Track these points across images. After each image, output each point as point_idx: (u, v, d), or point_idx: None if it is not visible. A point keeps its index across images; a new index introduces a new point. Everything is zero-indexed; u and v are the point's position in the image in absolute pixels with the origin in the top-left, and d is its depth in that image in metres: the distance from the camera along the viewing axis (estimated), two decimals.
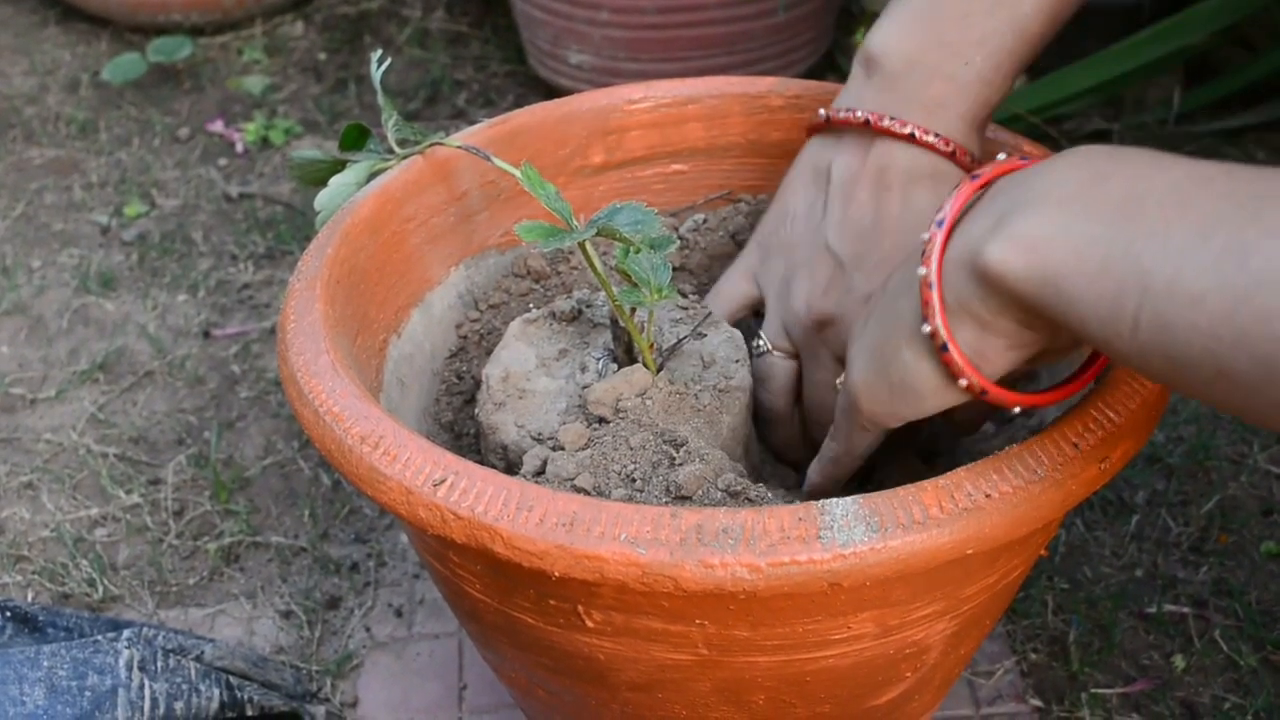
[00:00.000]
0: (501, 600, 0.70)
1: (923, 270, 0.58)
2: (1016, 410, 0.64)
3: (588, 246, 0.73)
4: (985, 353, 0.60)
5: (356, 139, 0.86)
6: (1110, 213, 0.53)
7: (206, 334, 1.45)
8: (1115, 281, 0.52)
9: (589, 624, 0.67)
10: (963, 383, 0.61)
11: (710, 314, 0.82)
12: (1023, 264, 0.54)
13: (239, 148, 1.78)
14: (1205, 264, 0.49)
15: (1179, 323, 0.51)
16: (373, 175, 0.85)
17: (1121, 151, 0.56)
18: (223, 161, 1.76)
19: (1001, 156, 0.62)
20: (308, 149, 0.86)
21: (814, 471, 0.77)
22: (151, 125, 1.85)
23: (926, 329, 0.59)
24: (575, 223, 0.74)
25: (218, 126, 1.83)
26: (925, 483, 0.62)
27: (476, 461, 0.65)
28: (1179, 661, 1.05)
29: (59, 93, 1.94)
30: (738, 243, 0.93)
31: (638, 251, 0.73)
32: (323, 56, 2.01)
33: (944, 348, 0.59)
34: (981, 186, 0.60)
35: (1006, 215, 0.56)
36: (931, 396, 0.63)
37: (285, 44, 2.04)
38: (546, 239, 0.70)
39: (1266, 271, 0.48)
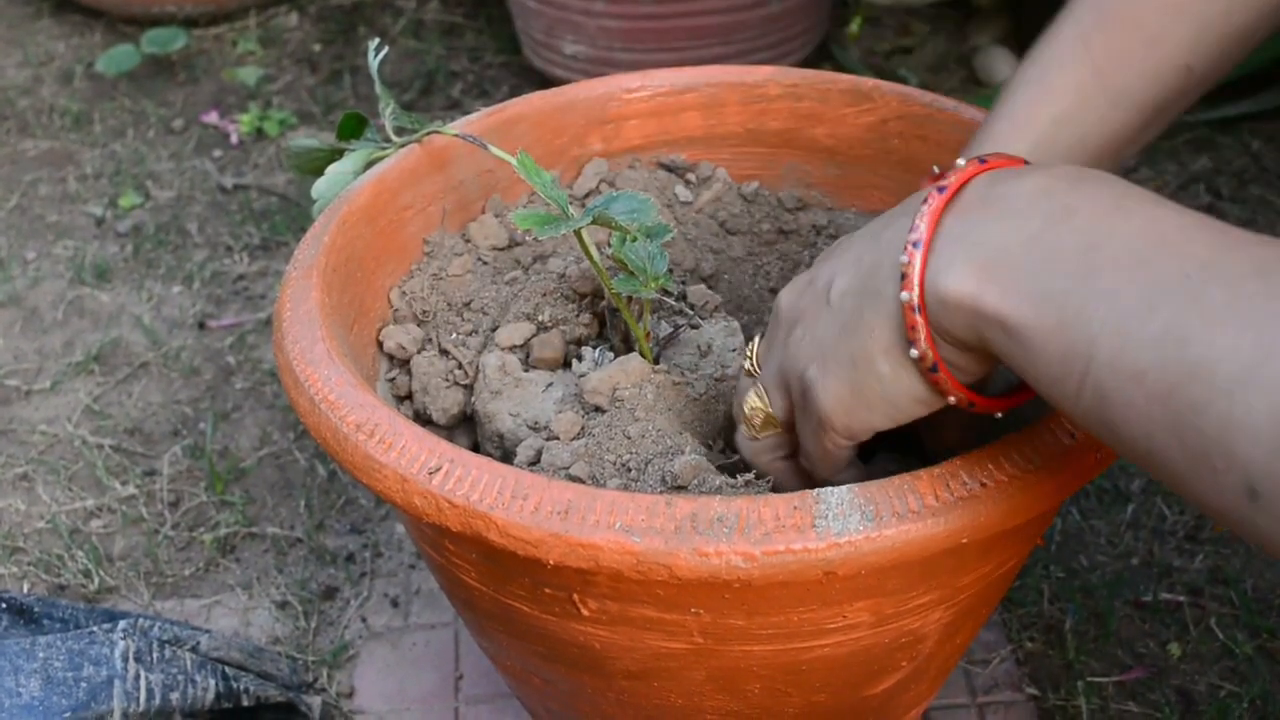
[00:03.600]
0: (497, 589, 0.70)
1: (905, 295, 0.58)
2: (999, 416, 0.64)
3: (584, 234, 0.73)
4: (967, 367, 0.60)
5: (354, 128, 0.86)
6: (1070, 263, 0.53)
7: (201, 325, 1.44)
8: (1067, 344, 0.52)
9: (584, 612, 0.67)
10: (951, 399, 0.61)
11: (707, 302, 0.82)
12: (992, 306, 0.55)
13: (233, 139, 1.78)
14: (1147, 340, 0.50)
15: (1118, 397, 0.51)
16: (370, 164, 0.85)
17: (1087, 179, 0.56)
18: (217, 153, 1.76)
19: (960, 162, 0.61)
20: (304, 139, 0.86)
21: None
22: (146, 117, 1.84)
23: (915, 353, 0.59)
24: (571, 210, 0.74)
25: (212, 118, 1.83)
26: (920, 471, 0.62)
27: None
28: (1175, 649, 1.05)
29: (53, 84, 1.93)
30: (729, 231, 0.93)
31: (634, 240, 0.73)
32: (317, 48, 2.00)
33: (934, 369, 0.59)
34: (951, 198, 0.59)
35: (975, 250, 0.56)
36: (913, 407, 0.62)
37: (279, 35, 2.04)
38: (543, 227, 0.70)
39: (1202, 364, 0.48)
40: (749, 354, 0.71)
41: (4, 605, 0.99)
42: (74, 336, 1.44)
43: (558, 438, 0.72)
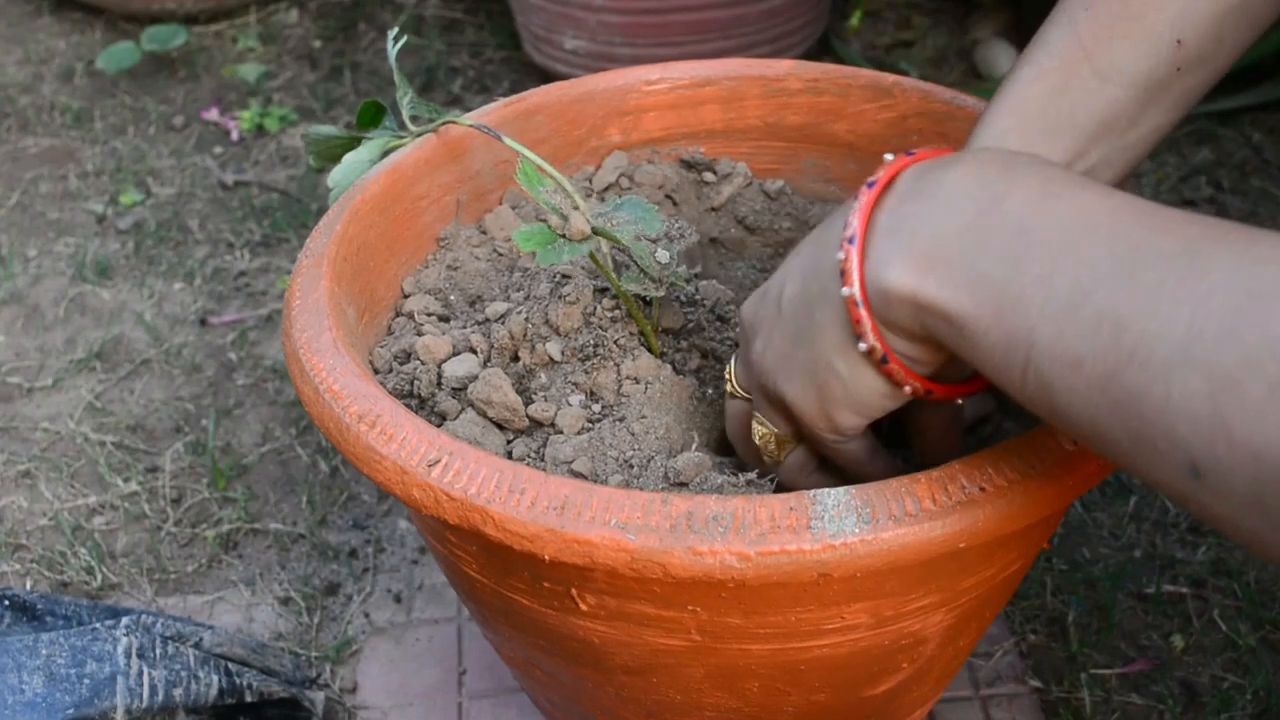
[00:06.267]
0: (498, 581, 0.70)
1: (846, 290, 0.58)
2: (960, 403, 0.64)
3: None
4: (920, 357, 0.60)
5: (373, 117, 0.86)
6: (1003, 249, 0.53)
7: (203, 322, 1.44)
8: (1007, 333, 0.53)
9: (583, 607, 0.67)
10: (907, 389, 0.61)
11: (719, 298, 0.82)
12: (932, 297, 0.55)
13: (234, 135, 1.78)
14: (1083, 326, 0.50)
15: (1060, 384, 0.52)
16: (386, 153, 0.85)
17: (1015, 164, 0.56)
18: (218, 149, 1.76)
19: (889, 157, 0.61)
20: (322, 127, 0.86)
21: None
22: (146, 114, 1.84)
23: (864, 346, 0.59)
24: (581, 205, 0.73)
25: (213, 114, 1.82)
26: (919, 475, 0.62)
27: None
28: (1178, 641, 1.05)
29: (53, 82, 1.93)
30: (747, 227, 0.93)
31: (640, 250, 0.73)
32: (317, 44, 2.00)
33: (884, 360, 0.59)
34: (882, 191, 0.59)
35: (910, 241, 0.56)
36: (878, 400, 0.62)
37: (280, 32, 2.04)
38: (544, 250, 0.69)
39: (1137, 349, 0.49)
40: (728, 376, 0.71)
41: (7, 602, 0.99)
42: (75, 333, 1.44)
43: (561, 432, 0.72)
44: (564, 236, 0.70)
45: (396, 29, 0.85)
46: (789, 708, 0.74)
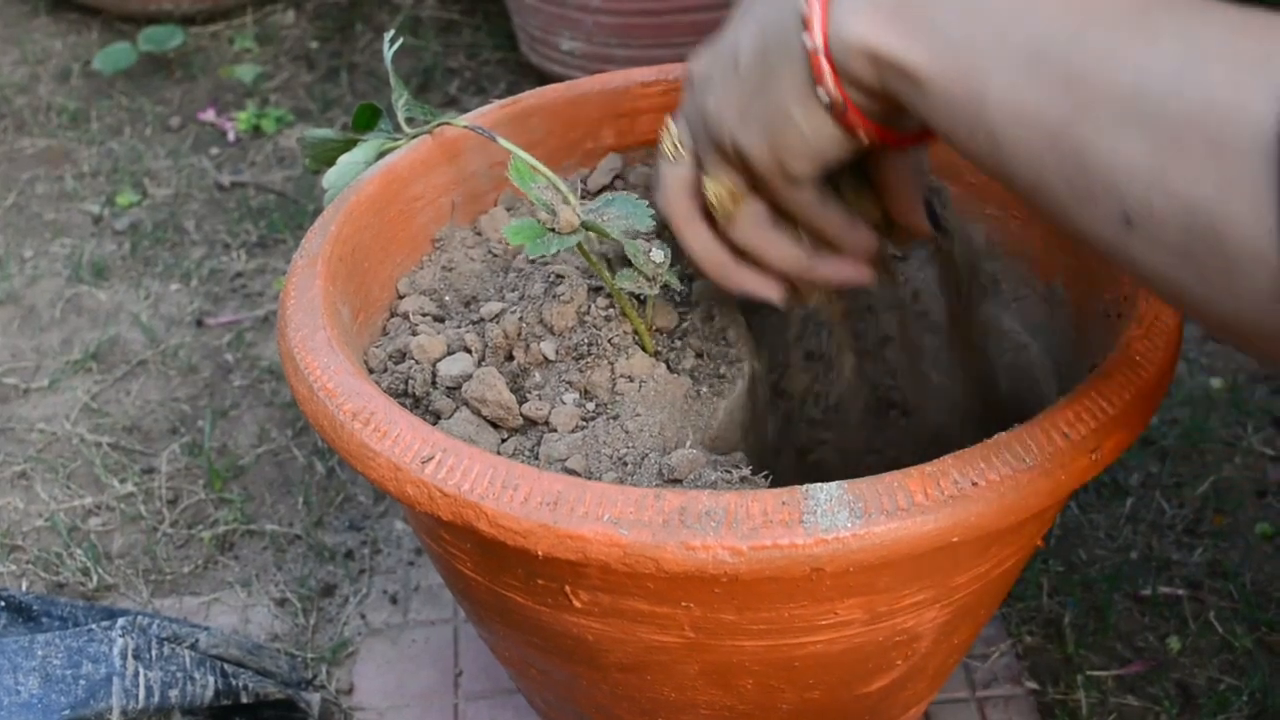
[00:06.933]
0: (492, 579, 0.70)
1: (809, 42, 0.60)
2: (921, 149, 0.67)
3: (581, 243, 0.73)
4: (875, 109, 0.61)
5: (369, 119, 0.86)
6: (963, 3, 0.55)
7: (199, 323, 1.44)
8: (962, 89, 0.55)
9: (576, 604, 0.67)
10: (863, 138, 0.62)
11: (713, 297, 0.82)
12: (891, 52, 0.57)
13: (231, 136, 1.78)
14: (1036, 83, 0.53)
15: (1007, 137, 0.54)
16: (382, 154, 0.85)
17: None
18: (214, 150, 1.76)
19: None
20: (318, 130, 0.86)
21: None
22: (143, 114, 1.84)
23: (824, 96, 0.60)
24: (574, 202, 0.73)
25: (209, 115, 1.82)
26: (911, 469, 0.62)
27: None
28: (1174, 643, 1.05)
29: (50, 82, 1.93)
30: None
31: (632, 245, 0.73)
32: (314, 45, 2.00)
33: (843, 110, 0.61)
34: None
35: None
36: (834, 149, 0.64)
37: (276, 32, 2.04)
38: (534, 242, 0.69)
39: (1088, 106, 0.51)
40: (666, 139, 0.71)
41: (3, 603, 0.99)
42: (72, 334, 1.44)
43: (556, 430, 0.72)
44: (553, 230, 0.70)
45: (393, 30, 0.86)
46: (783, 705, 0.74)
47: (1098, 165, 0.52)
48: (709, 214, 0.71)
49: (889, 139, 0.63)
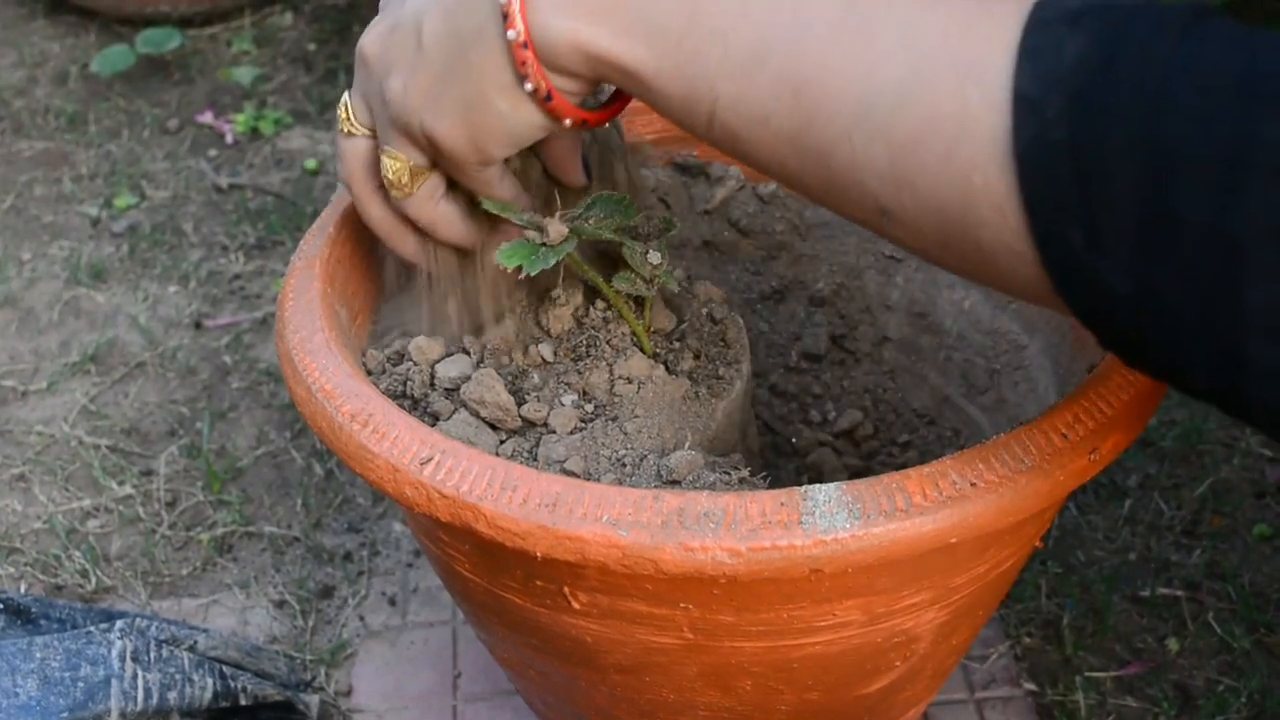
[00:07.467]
0: (490, 580, 0.70)
1: (511, 34, 0.58)
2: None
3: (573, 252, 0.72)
4: (579, 90, 0.61)
5: None
6: (677, 6, 0.54)
7: (198, 325, 1.44)
8: (688, 87, 0.54)
9: (575, 605, 0.67)
10: (568, 123, 0.62)
11: (711, 297, 0.82)
12: (605, 50, 0.56)
13: (229, 139, 1.78)
14: (764, 87, 0.52)
15: (745, 136, 0.53)
16: None
17: None
18: (212, 152, 1.76)
19: None
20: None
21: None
22: (141, 117, 1.84)
23: (529, 86, 0.59)
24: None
25: (207, 118, 1.82)
26: (910, 470, 0.62)
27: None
28: (1172, 644, 1.05)
29: (47, 85, 1.93)
30: (740, 230, 0.93)
31: (629, 245, 0.73)
32: (312, 47, 2.00)
33: (548, 98, 0.60)
34: None
35: None
36: (534, 133, 0.63)
37: (274, 35, 2.04)
38: (530, 261, 0.69)
39: (819, 110, 0.50)
40: (343, 114, 0.70)
41: (1, 606, 0.99)
42: (70, 337, 1.44)
43: (554, 431, 0.72)
44: (545, 245, 0.70)
45: None
46: (782, 706, 0.74)
47: (841, 168, 0.51)
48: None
49: (590, 118, 0.63)
